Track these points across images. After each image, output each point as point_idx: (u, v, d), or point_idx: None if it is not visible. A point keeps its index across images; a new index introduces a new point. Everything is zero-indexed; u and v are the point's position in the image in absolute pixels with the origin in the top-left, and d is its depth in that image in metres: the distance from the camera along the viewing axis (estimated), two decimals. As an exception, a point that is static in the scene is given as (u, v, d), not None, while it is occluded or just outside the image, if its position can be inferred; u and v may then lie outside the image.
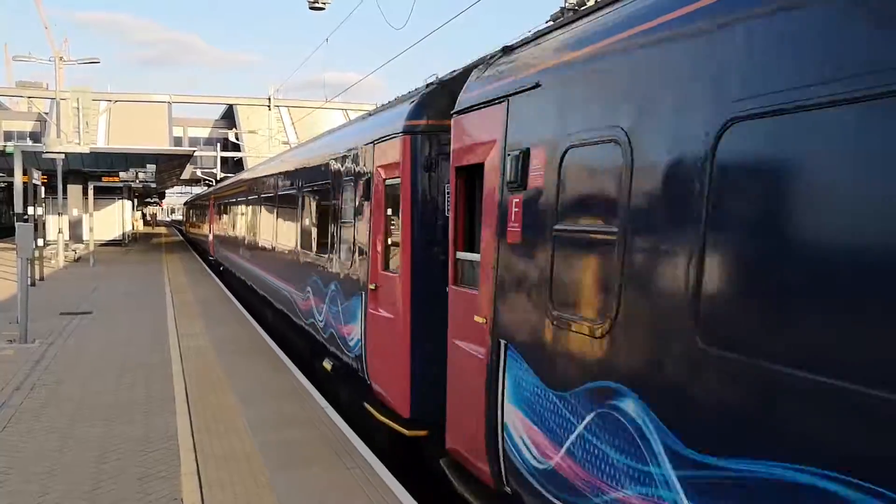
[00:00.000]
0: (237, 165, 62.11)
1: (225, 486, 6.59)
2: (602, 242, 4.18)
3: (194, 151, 46.47)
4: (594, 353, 4.21)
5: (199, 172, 64.99)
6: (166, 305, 18.64)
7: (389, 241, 8.30)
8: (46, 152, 27.42)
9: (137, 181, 36.68)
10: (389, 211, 8.29)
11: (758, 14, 3.18)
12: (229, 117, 73.77)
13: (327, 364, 10.70)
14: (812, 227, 2.87)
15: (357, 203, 9.32)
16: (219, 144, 65.70)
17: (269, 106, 60.46)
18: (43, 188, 28.76)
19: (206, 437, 7.99)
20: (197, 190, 74.11)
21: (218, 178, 53.81)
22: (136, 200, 64.99)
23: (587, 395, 4.25)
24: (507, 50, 6.13)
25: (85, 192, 39.28)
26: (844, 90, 2.67)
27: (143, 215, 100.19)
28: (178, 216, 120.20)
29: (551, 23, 5.40)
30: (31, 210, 22.40)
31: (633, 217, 3.89)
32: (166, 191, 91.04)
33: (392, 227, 8.23)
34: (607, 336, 4.05)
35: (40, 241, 24.80)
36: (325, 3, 27.00)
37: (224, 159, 60.78)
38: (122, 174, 36.33)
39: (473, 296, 5.99)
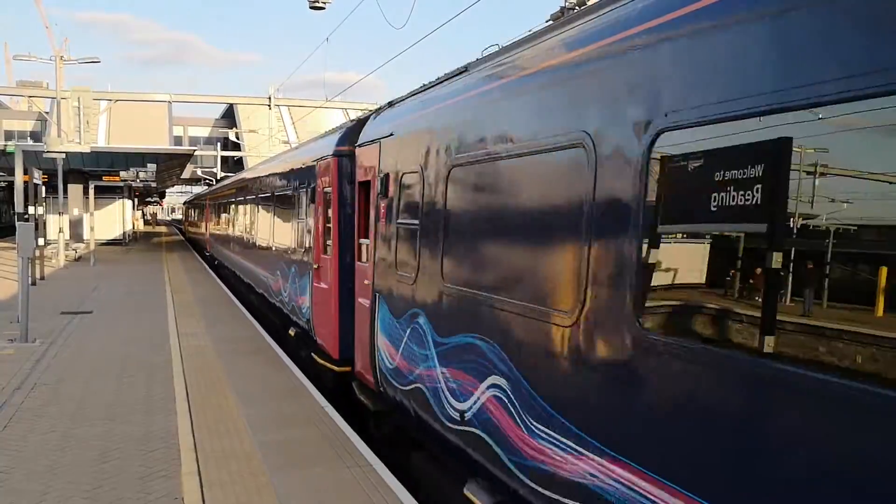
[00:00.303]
0: (237, 164, 62.09)
1: (225, 486, 6.62)
2: (413, 230, 7.20)
3: (195, 151, 46.44)
4: (411, 293, 7.17)
5: (199, 172, 64.96)
6: (167, 305, 18.68)
7: (325, 234, 11.16)
8: (47, 152, 27.43)
9: (138, 180, 36.70)
10: (326, 211, 11.07)
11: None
12: (229, 116, 73.74)
13: (291, 331, 13.64)
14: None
15: (307, 205, 12.43)
16: (219, 144, 65.62)
17: (269, 105, 60.39)
18: (43, 187, 28.78)
19: (207, 436, 8.02)
20: (197, 189, 74.12)
21: (218, 178, 53.84)
22: (136, 200, 64.95)
23: (408, 317, 7.22)
24: (390, 104, 9.10)
25: (85, 192, 39.28)
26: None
27: (144, 214, 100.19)
28: (179, 215, 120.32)
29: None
30: (31, 209, 22.40)
31: (423, 215, 6.94)
32: (167, 190, 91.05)
33: (328, 223, 10.98)
34: (415, 283, 7.05)
35: (41, 241, 24.82)
36: (325, 3, 27.00)
37: (224, 158, 60.66)
38: (122, 173, 36.34)
39: (367, 267, 8.98)
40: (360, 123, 10.33)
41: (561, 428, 4.43)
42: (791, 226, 3.12)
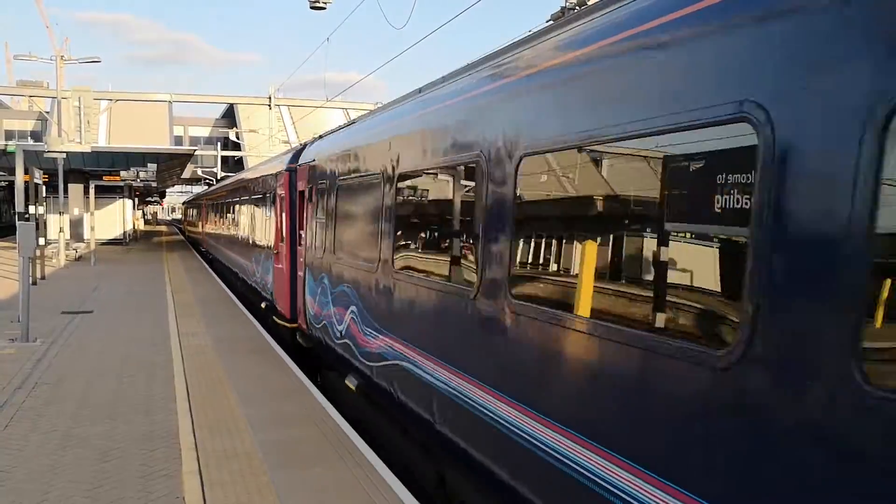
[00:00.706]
0: (238, 164, 62.07)
1: (226, 485, 6.63)
2: (323, 223, 11.08)
3: (195, 151, 46.41)
4: (321, 264, 11.10)
5: (199, 171, 64.91)
6: (167, 304, 18.70)
7: (282, 227, 14.76)
8: (48, 151, 27.46)
9: (138, 180, 36.72)
10: (282, 211, 14.83)
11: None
12: (230, 116, 73.71)
13: (263, 305, 17.37)
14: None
15: (271, 207, 16.65)
16: (219, 143, 65.61)
17: (269, 105, 60.38)
18: (44, 187, 28.76)
19: (208, 435, 8.04)
20: (197, 189, 74.12)
21: (218, 178, 53.86)
22: (136, 199, 64.92)
23: (320, 280, 11.10)
24: (321, 136, 13.57)
25: (86, 191, 39.20)
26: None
27: (144, 214, 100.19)
28: (179, 215, 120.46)
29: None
30: (32, 209, 22.41)
31: (326, 213, 10.90)
32: (167, 190, 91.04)
33: (283, 219, 14.73)
34: (324, 257, 10.82)
35: (41, 240, 24.82)
36: (325, 3, 27.02)
37: (224, 158, 60.63)
38: (122, 173, 36.34)
39: (302, 249, 13.09)
40: (306, 146, 14.42)
41: (372, 325, 8.31)
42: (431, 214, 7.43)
